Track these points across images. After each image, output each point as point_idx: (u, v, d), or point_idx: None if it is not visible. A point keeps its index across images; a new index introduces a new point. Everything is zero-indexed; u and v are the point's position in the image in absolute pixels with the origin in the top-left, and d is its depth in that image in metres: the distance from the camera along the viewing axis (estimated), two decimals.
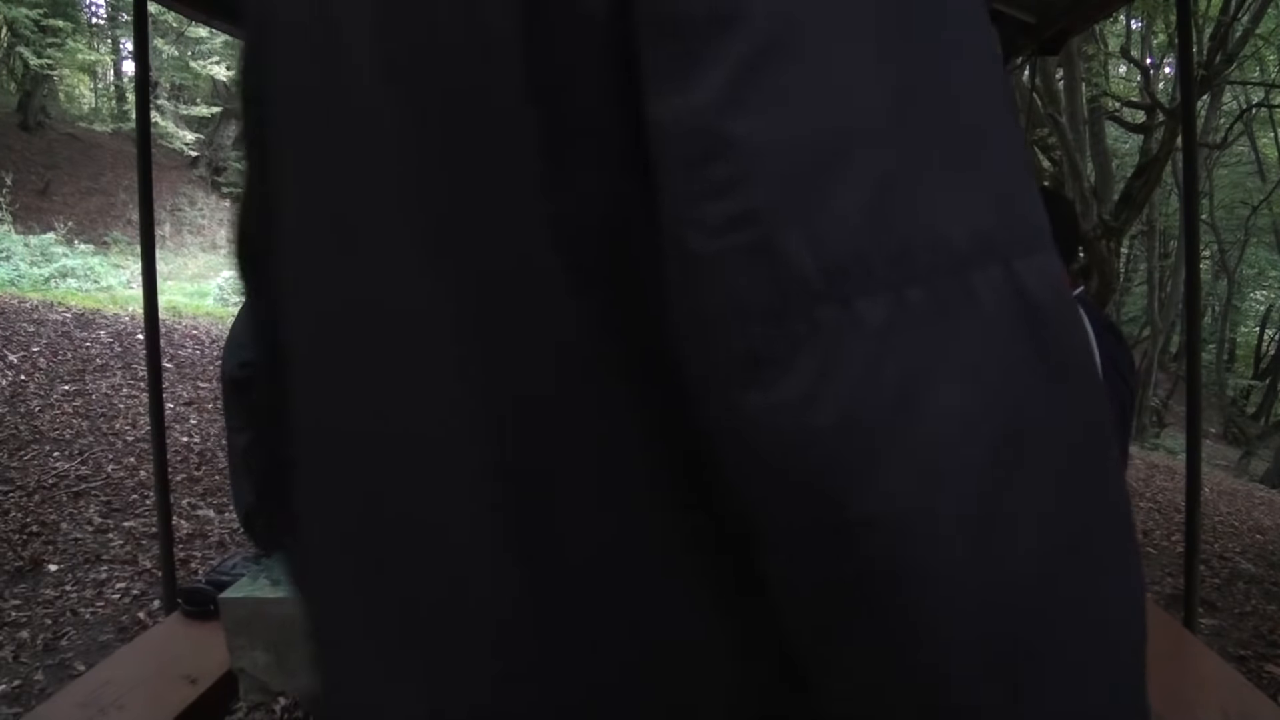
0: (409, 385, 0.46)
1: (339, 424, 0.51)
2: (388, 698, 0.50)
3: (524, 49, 0.39)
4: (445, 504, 0.45)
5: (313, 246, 0.52)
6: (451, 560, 0.45)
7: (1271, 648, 3.58)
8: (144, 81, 3.23)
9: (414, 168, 0.43)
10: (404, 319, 0.45)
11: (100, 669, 2.08)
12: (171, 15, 11.87)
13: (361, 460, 0.50)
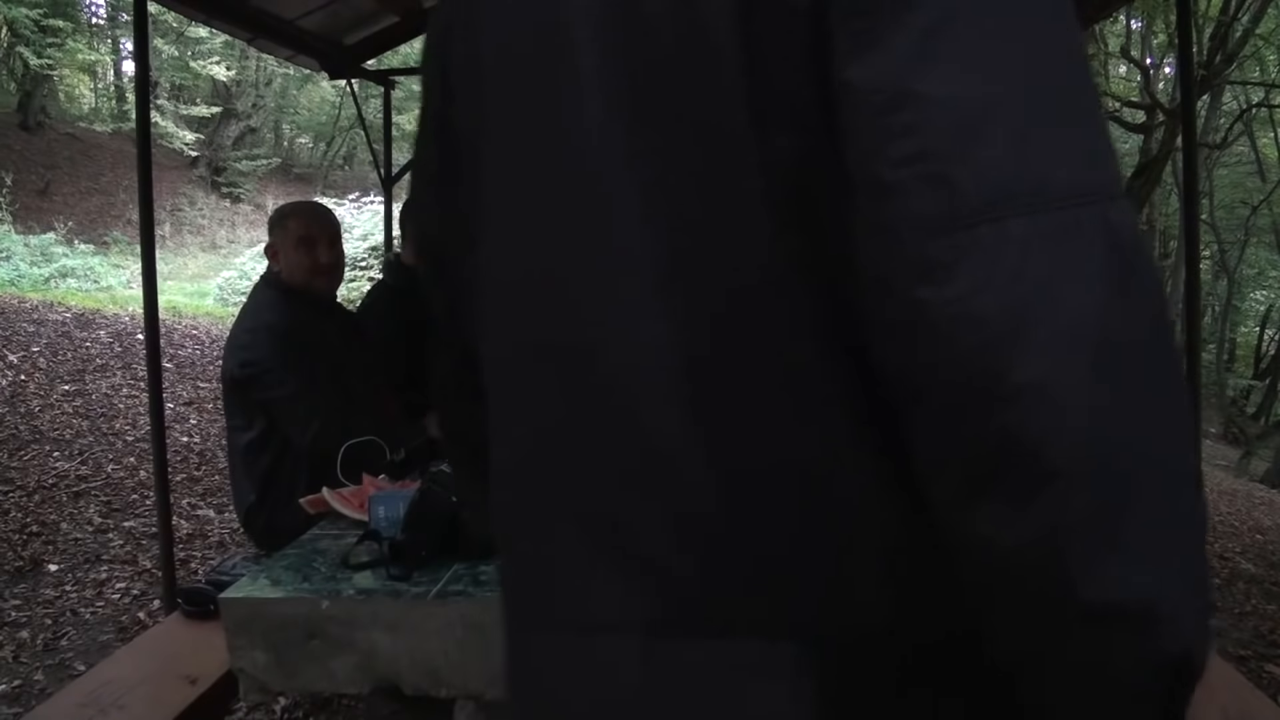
0: (622, 306, 0.58)
1: (551, 338, 0.62)
2: (597, 595, 0.59)
3: (743, 45, 0.52)
4: (655, 400, 0.57)
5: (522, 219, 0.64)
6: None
7: (1271, 648, 3.58)
8: (144, 81, 3.23)
9: (647, 151, 0.56)
10: (620, 257, 0.58)
11: (100, 669, 2.08)
12: (171, 15, 11.87)
13: (572, 371, 0.61)
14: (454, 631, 1.47)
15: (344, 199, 13.38)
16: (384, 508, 1.75)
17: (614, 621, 0.59)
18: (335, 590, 1.54)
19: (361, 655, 1.48)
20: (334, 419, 2.36)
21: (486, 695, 1.50)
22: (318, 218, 2.67)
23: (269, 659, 1.50)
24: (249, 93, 17.55)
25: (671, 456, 0.56)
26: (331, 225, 2.67)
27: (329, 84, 14.82)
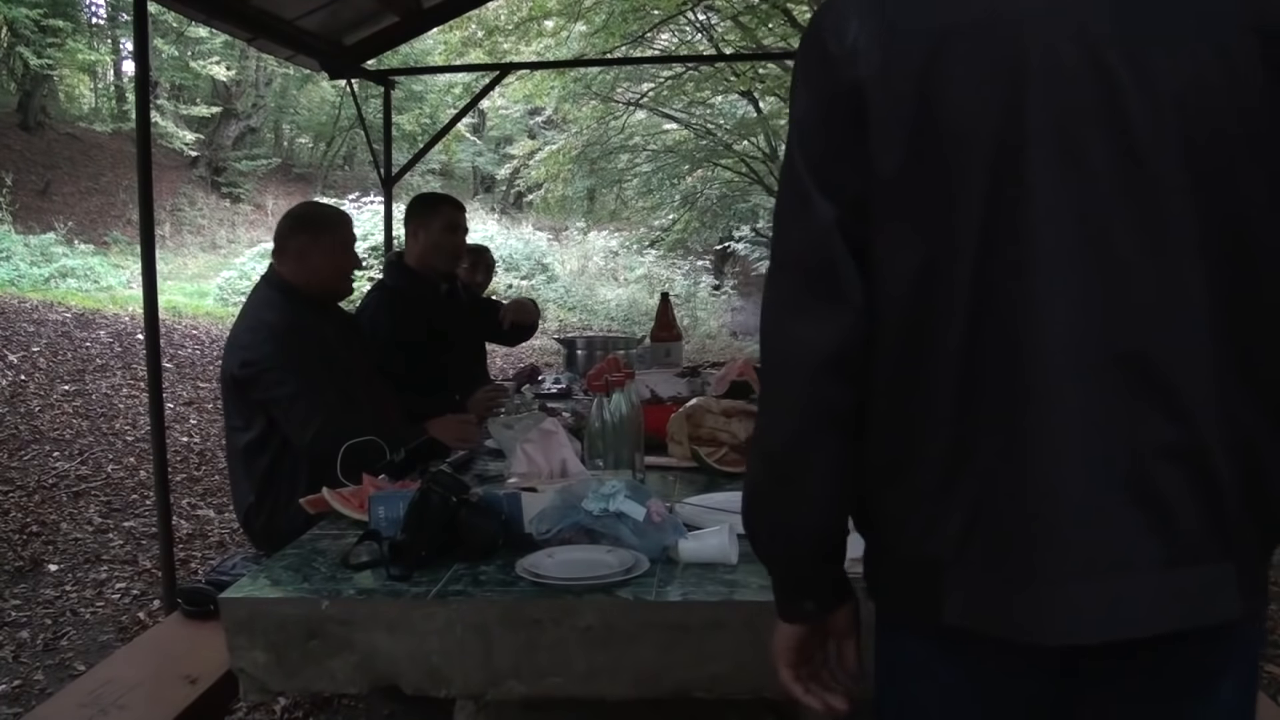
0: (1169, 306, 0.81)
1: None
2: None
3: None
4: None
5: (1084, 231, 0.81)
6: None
7: (1271, 648, 3.58)
8: (144, 81, 3.23)
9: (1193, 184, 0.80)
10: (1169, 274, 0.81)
11: (100, 669, 2.08)
12: (171, 15, 11.87)
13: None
14: (454, 631, 1.47)
15: (344, 199, 13.38)
16: (384, 508, 1.75)
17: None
18: (335, 590, 1.54)
19: (361, 655, 1.48)
20: (334, 420, 2.35)
21: (486, 695, 1.50)
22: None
23: (269, 659, 1.50)
24: (249, 93, 17.54)
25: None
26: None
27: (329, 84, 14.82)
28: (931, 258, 0.84)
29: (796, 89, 0.91)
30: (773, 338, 0.92)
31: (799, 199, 0.88)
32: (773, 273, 0.93)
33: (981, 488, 0.85)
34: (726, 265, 18.29)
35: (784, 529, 0.98)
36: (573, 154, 14.16)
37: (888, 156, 0.84)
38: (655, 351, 3.63)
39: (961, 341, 0.84)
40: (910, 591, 0.91)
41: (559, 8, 10.55)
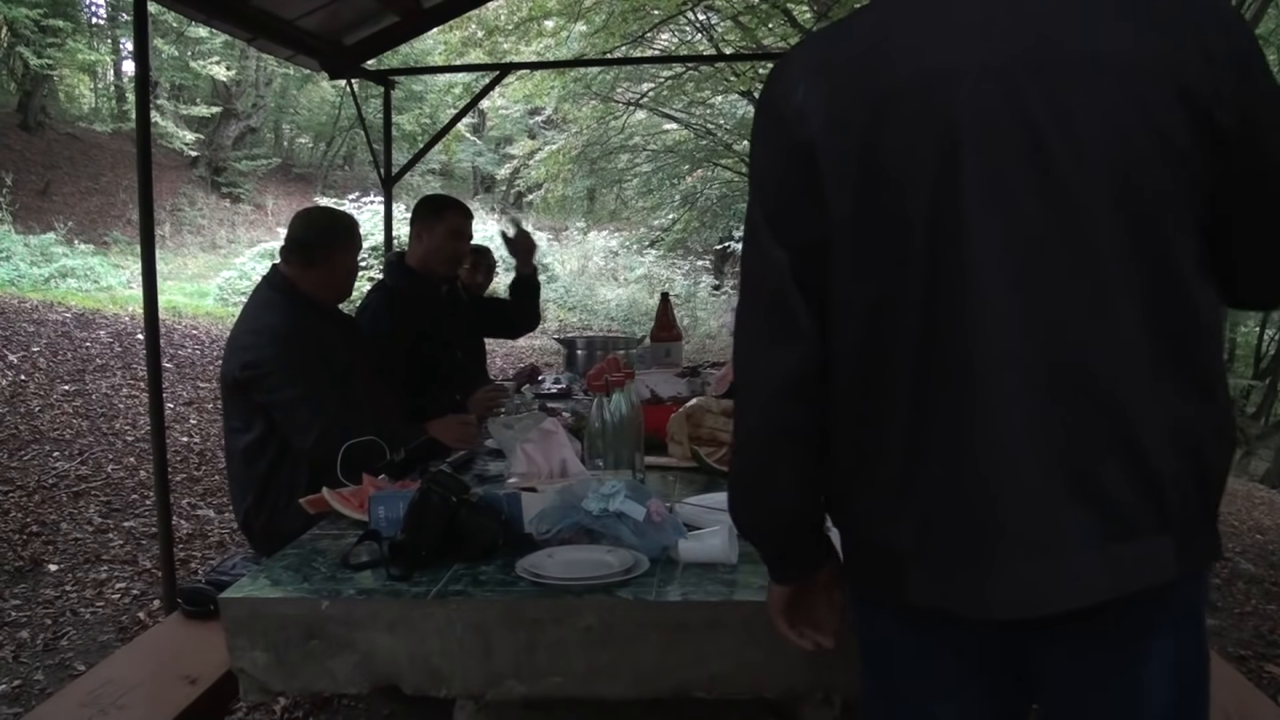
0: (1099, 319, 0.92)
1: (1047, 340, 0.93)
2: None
3: (1194, 156, 0.91)
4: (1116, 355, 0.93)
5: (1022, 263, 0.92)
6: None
7: (1271, 648, 3.58)
8: (144, 81, 3.23)
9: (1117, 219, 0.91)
10: (1098, 285, 0.91)
11: (100, 669, 2.08)
12: (171, 15, 11.87)
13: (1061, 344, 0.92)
14: (454, 631, 1.47)
15: (344, 199, 13.37)
16: (384, 508, 1.75)
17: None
18: (335, 590, 1.54)
19: (361, 655, 1.49)
20: (336, 423, 2.35)
21: (486, 695, 1.50)
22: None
23: (269, 659, 1.50)
24: (249, 93, 17.53)
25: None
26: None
27: (329, 84, 14.82)
28: (883, 289, 0.97)
29: (754, 148, 1.04)
30: (739, 364, 1.10)
31: (757, 246, 1.03)
32: (739, 308, 1.08)
33: (934, 488, 0.97)
34: (726, 265, 18.28)
35: (759, 517, 1.15)
36: (573, 154, 14.15)
37: (839, 204, 0.96)
38: (655, 351, 3.63)
39: (913, 361, 0.96)
40: (877, 574, 1.05)
41: (559, 8, 10.54)
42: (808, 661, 1.46)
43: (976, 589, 0.96)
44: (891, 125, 0.93)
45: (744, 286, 1.07)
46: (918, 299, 0.95)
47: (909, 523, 0.99)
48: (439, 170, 20.53)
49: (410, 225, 3.24)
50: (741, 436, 1.11)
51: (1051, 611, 0.94)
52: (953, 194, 0.92)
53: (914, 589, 1.00)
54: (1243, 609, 3.98)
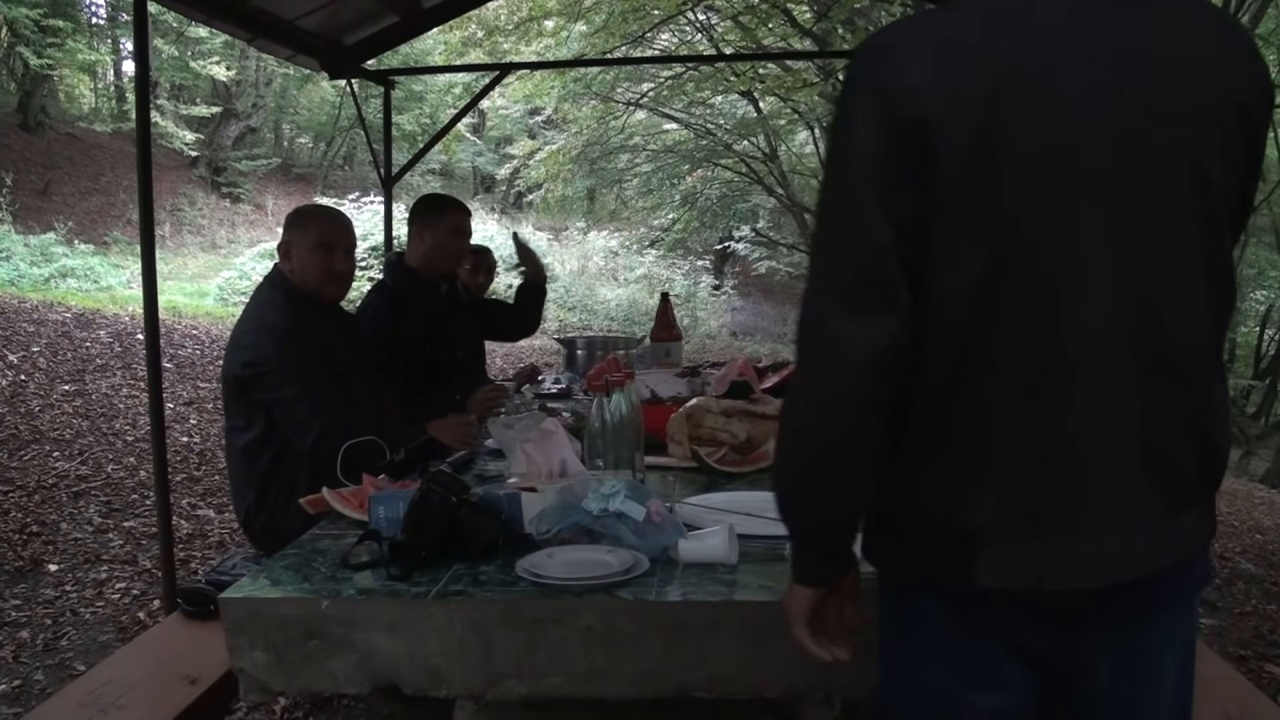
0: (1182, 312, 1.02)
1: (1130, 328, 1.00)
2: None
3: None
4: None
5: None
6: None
7: (1271, 648, 3.58)
8: (144, 81, 3.23)
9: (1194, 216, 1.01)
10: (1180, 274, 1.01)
11: (100, 669, 2.08)
12: (171, 15, 11.87)
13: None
14: (454, 631, 1.47)
15: (344, 199, 13.37)
16: (384, 508, 1.75)
17: None
18: (335, 590, 1.54)
19: (361, 655, 1.49)
20: (337, 422, 2.35)
21: (487, 695, 1.50)
22: (339, 225, 2.66)
23: (269, 659, 1.50)
24: (249, 93, 17.52)
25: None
26: (351, 235, 2.67)
27: (329, 84, 14.81)
28: (981, 270, 0.99)
29: (852, 123, 1.01)
30: (823, 340, 1.03)
31: (860, 220, 1.00)
32: (825, 283, 1.04)
33: (1017, 463, 1.00)
34: (726, 265, 18.28)
35: (825, 508, 1.11)
36: (573, 154, 14.15)
37: (946, 184, 0.97)
38: (655, 351, 3.63)
39: (1008, 340, 0.99)
40: (939, 557, 1.05)
41: (559, 8, 10.53)
42: (808, 662, 1.45)
43: (1056, 561, 1.01)
44: (1004, 111, 0.96)
45: (831, 265, 1.03)
46: (1017, 281, 0.98)
47: (989, 498, 1.01)
48: (439, 170, 20.52)
49: (409, 225, 3.24)
50: (819, 414, 1.05)
51: (1125, 579, 1.02)
52: (1059, 182, 0.97)
53: (983, 568, 1.02)
54: (1243, 609, 3.98)
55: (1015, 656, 1.08)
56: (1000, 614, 1.05)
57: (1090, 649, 1.07)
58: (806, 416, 1.07)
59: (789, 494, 1.12)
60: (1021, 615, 1.05)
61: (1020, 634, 1.07)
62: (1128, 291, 0.99)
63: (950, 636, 1.08)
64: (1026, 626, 1.06)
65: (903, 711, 1.15)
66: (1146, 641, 1.08)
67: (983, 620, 1.06)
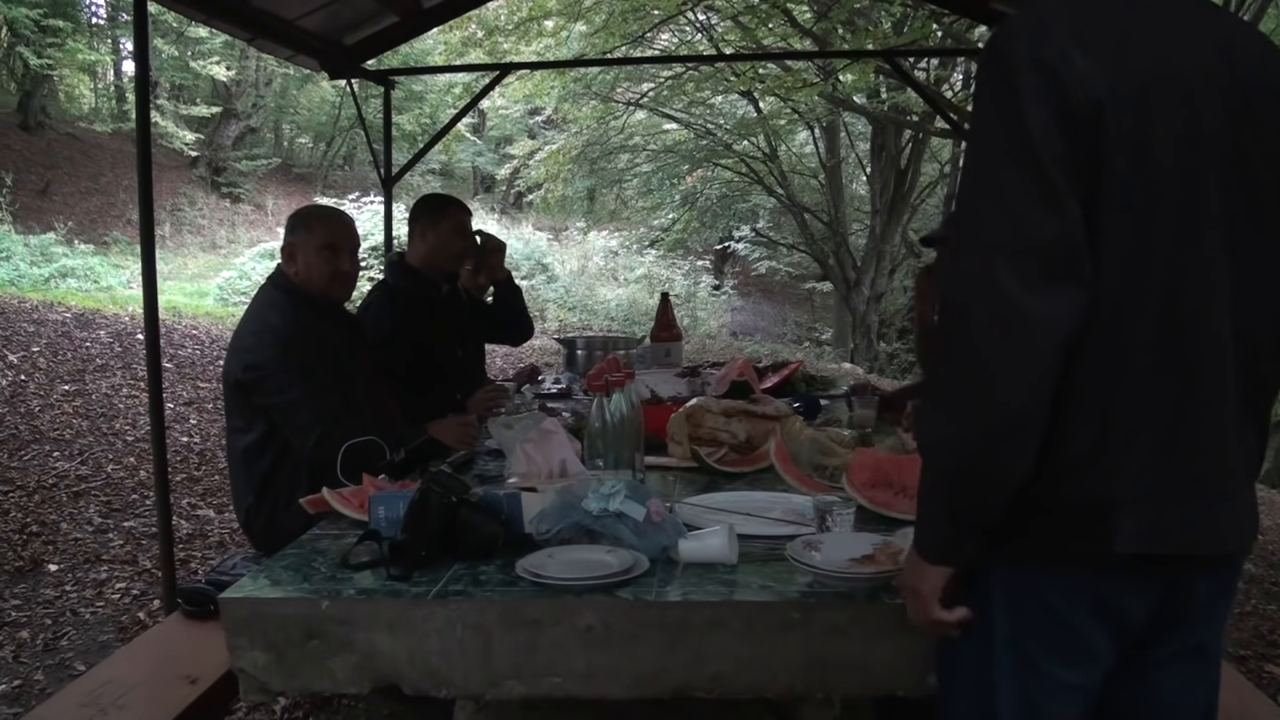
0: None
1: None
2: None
3: None
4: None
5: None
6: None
7: (1271, 648, 3.58)
8: (144, 81, 3.23)
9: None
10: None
11: (100, 669, 2.08)
12: (171, 15, 11.87)
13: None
14: (454, 631, 1.47)
15: (344, 199, 13.37)
16: (384, 508, 1.75)
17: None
18: (335, 590, 1.54)
19: (361, 655, 1.49)
20: (338, 425, 2.35)
21: (486, 695, 1.50)
22: (344, 227, 2.66)
23: (269, 659, 1.50)
24: (249, 93, 17.52)
25: None
26: (355, 236, 2.68)
27: (329, 84, 14.81)
28: (1134, 253, 1.06)
29: (1020, 100, 1.03)
30: (1014, 316, 1.03)
31: (1046, 194, 1.03)
32: (1010, 259, 1.03)
33: (1156, 439, 1.08)
34: (726, 265, 18.28)
35: (1004, 480, 1.10)
36: (573, 154, 14.16)
37: (1117, 164, 1.03)
38: (655, 351, 3.63)
39: (1153, 321, 1.07)
40: (1077, 529, 1.10)
41: (559, 8, 10.53)
42: (807, 661, 1.46)
43: (1188, 528, 1.10)
44: (1152, 100, 1.04)
45: (1019, 239, 1.03)
46: (1160, 268, 1.06)
47: (1131, 469, 1.08)
48: (439, 170, 20.52)
49: (411, 225, 3.24)
50: (1005, 388, 1.05)
51: (1240, 547, 1.17)
52: (1194, 174, 1.07)
53: (1121, 535, 1.07)
54: (1243, 609, 3.98)
55: (1110, 631, 1.14)
56: (1112, 585, 1.11)
57: (1182, 619, 1.16)
58: (990, 396, 1.05)
59: (956, 476, 1.11)
60: (1132, 585, 1.12)
61: (1128, 604, 1.13)
62: (1239, 281, 1.10)
63: (1050, 610, 1.12)
64: (1137, 598, 1.13)
65: (994, 690, 1.16)
66: (1214, 621, 1.20)
67: (1089, 592, 1.12)
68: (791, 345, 14.89)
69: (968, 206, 1.09)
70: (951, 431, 1.10)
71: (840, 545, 1.57)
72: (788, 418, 2.45)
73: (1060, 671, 1.14)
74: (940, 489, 1.14)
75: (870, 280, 13.05)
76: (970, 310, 1.06)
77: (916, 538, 1.19)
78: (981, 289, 1.04)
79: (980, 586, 1.17)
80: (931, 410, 1.14)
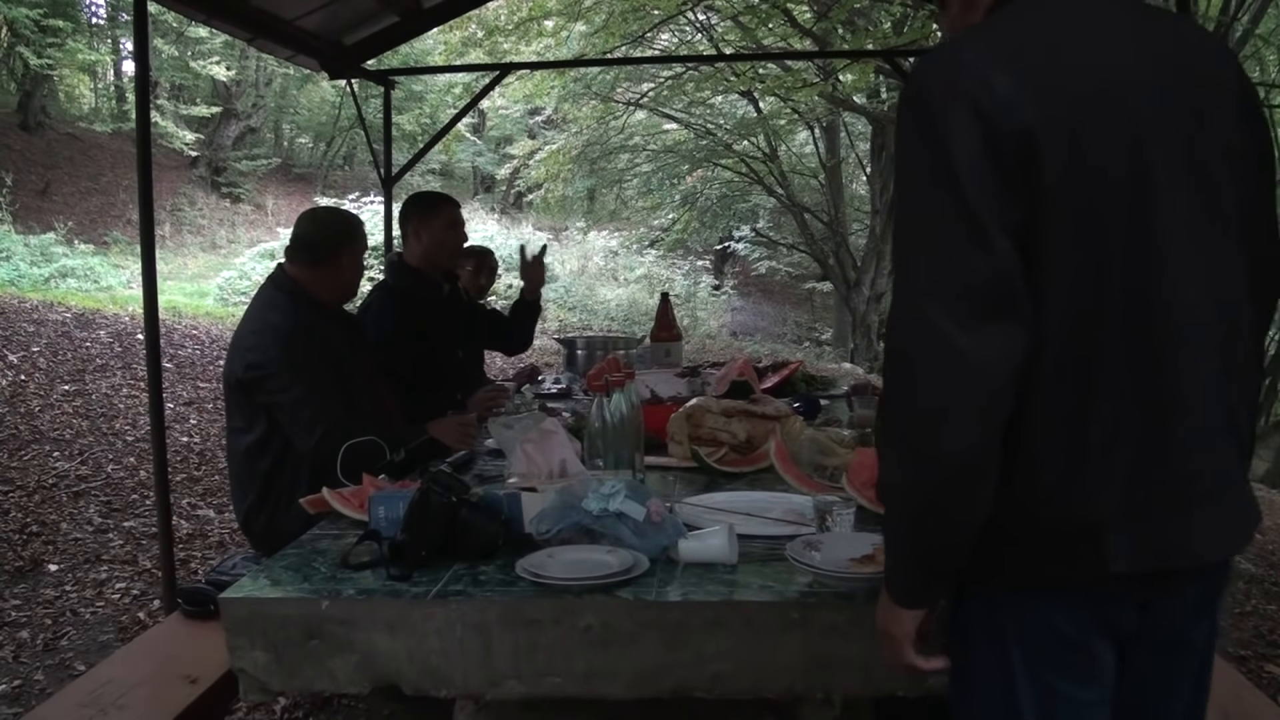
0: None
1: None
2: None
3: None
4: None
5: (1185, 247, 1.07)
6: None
7: (1271, 648, 3.58)
8: (144, 81, 3.23)
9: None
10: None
11: (100, 669, 2.08)
12: (171, 15, 11.86)
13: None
14: (454, 631, 1.47)
15: (344, 199, 13.37)
16: (384, 508, 1.75)
17: None
18: (335, 590, 1.54)
19: (361, 655, 1.49)
20: (339, 425, 2.35)
21: (486, 695, 1.50)
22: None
23: (269, 659, 1.50)
24: (249, 93, 17.52)
25: None
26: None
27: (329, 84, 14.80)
28: (1085, 269, 1.03)
29: (946, 135, 1.01)
30: (950, 359, 1.01)
31: (974, 232, 1.00)
32: (942, 301, 1.01)
33: (1136, 452, 1.05)
34: (726, 265, 18.28)
35: (955, 530, 1.08)
36: (573, 154, 14.14)
37: (1047, 193, 1.01)
38: (655, 351, 3.63)
39: (1118, 335, 1.04)
40: (1065, 553, 1.07)
41: (559, 8, 10.53)
42: (807, 661, 1.46)
43: (1181, 538, 1.07)
44: (1086, 115, 1.03)
45: (949, 280, 1.01)
46: (1117, 279, 1.04)
47: (1114, 487, 1.05)
48: (439, 170, 20.52)
49: (403, 226, 3.25)
50: (950, 435, 1.02)
51: (1236, 551, 1.16)
52: (1140, 181, 1.04)
53: (1113, 555, 1.05)
54: (1243, 609, 3.98)
55: (1113, 644, 1.12)
56: (1109, 602, 1.09)
57: (1170, 630, 1.15)
58: (938, 441, 1.03)
59: (915, 520, 1.09)
60: (1128, 599, 1.10)
61: (1125, 617, 1.11)
62: (1208, 279, 1.08)
63: (1060, 635, 1.10)
64: (1133, 610, 1.11)
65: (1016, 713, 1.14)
66: (1204, 628, 1.18)
67: (1092, 612, 1.10)
68: (791, 345, 14.90)
69: (899, 250, 1.07)
70: (904, 478, 1.08)
71: (840, 545, 1.57)
72: (788, 418, 2.45)
73: (1080, 692, 1.13)
74: (901, 532, 1.12)
75: (870, 280, 13.04)
76: (909, 355, 1.04)
77: (886, 581, 1.16)
78: (917, 333, 1.02)
79: (991, 628, 1.14)
80: (885, 453, 1.11)
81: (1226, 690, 1.92)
